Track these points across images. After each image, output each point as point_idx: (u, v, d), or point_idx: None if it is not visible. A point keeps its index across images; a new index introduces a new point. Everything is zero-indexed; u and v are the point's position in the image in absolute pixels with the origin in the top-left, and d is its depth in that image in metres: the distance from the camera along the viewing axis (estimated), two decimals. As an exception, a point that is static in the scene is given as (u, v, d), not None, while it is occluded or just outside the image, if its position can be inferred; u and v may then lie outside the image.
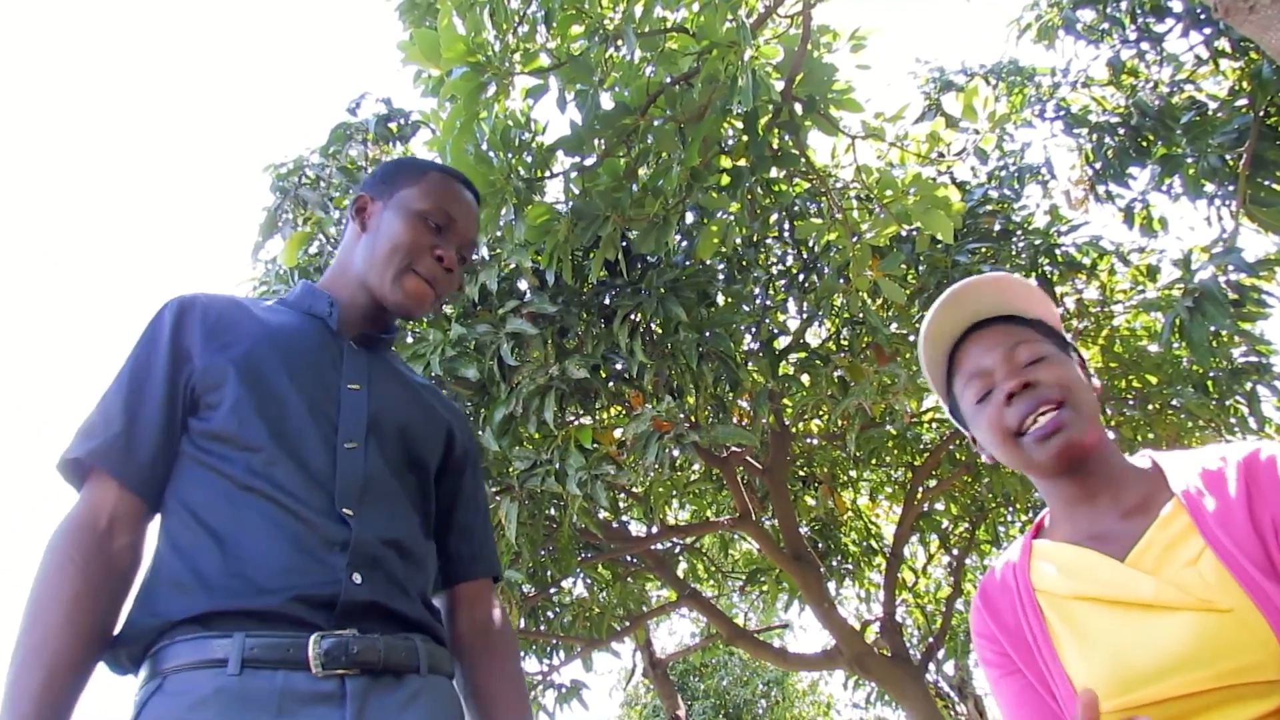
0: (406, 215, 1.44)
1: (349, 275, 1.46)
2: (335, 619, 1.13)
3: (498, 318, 4.33)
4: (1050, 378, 1.20)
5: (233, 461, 1.20)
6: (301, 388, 1.28)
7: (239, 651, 1.07)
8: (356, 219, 1.49)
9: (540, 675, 6.64)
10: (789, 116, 3.89)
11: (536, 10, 3.45)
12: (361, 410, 1.31)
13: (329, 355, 1.35)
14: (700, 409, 4.92)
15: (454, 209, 1.48)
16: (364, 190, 1.51)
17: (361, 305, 1.43)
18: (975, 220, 5.20)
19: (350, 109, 5.17)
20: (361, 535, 1.20)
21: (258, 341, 1.30)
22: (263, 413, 1.23)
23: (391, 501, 1.28)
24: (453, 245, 1.47)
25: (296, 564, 1.14)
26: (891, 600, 6.66)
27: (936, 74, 6.50)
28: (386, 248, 1.42)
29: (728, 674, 14.85)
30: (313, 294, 1.45)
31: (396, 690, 1.14)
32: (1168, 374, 5.53)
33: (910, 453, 6.88)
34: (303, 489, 1.19)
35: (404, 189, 1.47)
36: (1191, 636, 1.00)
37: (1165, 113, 5.23)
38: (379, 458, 1.29)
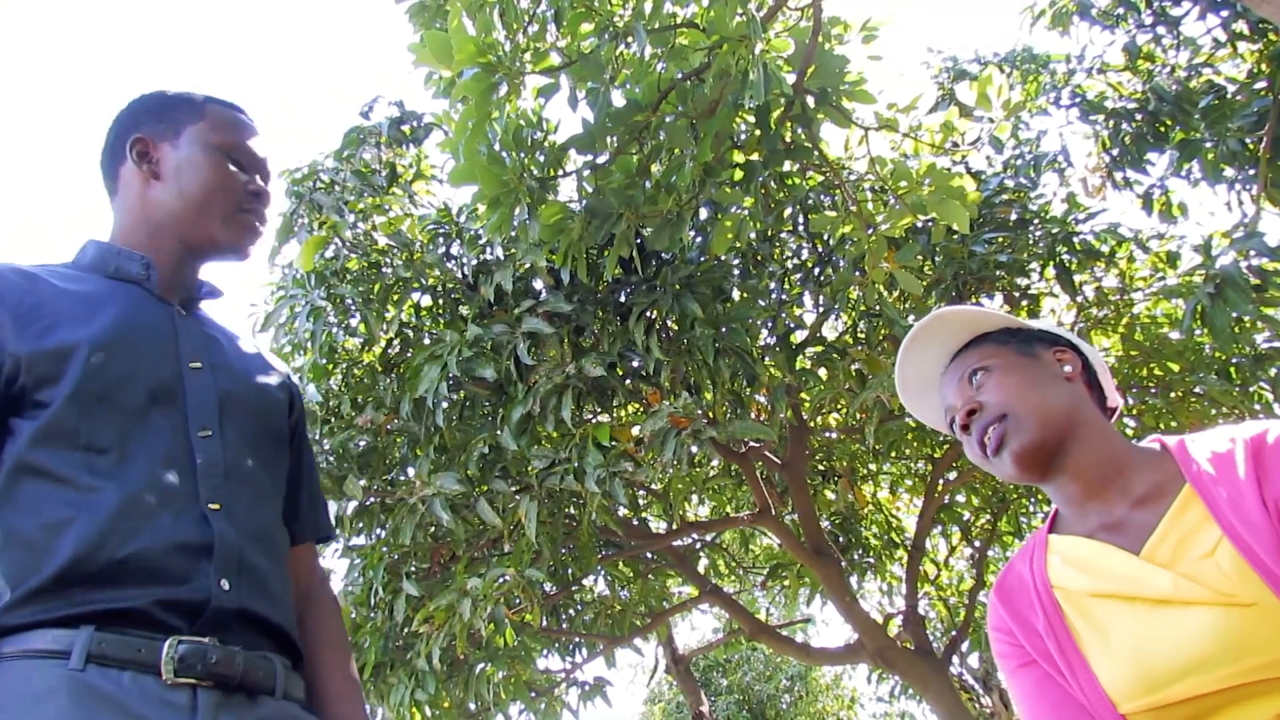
0: (209, 153, 1.32)
1: (151, 229, 1.31)
2: (199, 625, 1.04)
3: (514, 318, 4.34)
4: (990, 396, 1.23)
5: (74, 462, 1.07)
6: (144, 373, 1.16)
7: (84, 645, 0.96)
8: (141, 164, 1.32)
9: (563, 673, 6.65)
10: (801, 109, 3.88)
11: (546, 9, 3.45)
12: (210, 391, 1.21)
13: (161, 329, 1.23)
14: (718, 405, 4.91)
15: (251, 140, 1.38)
16: (136, 132, 1.34)
17: (174, 261, 1.31)
18: (992, 210, 5.16)
19: (363, 112, 5.19)
20: (228, 534, 1.11)
21: (85, 322, 1.15)
22: (105, 405, 1.10)
23: (255, 490, 1.20)
24: (258, 175, 1.38)
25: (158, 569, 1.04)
26: (914, 593, 6.62)
27: (950, 63, 6.46)
28: (200, 191, 1.30)
29: (750, 669, 14.84)
30: (116, 254, 1.29)
31: (249, 710, 1.04)
32: (1189, 361, 5.47)
33: (930, 445, 6.84)
34: (160, 484, 1.09)
35: (189, 125, 1.34)
36: (1214, 632, 0.99)
37: (1183, 97, 5.17)
38: (237, 442, 1.20)
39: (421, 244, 4.80)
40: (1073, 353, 1.29)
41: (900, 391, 1.40)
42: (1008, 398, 1.21)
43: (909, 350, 1.36)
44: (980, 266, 4.94)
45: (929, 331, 1.33)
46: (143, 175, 1.33)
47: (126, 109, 1.39)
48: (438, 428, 4.49)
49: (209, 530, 1.09)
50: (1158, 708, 1.01)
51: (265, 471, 1.24)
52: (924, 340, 1.34)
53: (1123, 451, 1.20)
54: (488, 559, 5.08)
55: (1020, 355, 1.26)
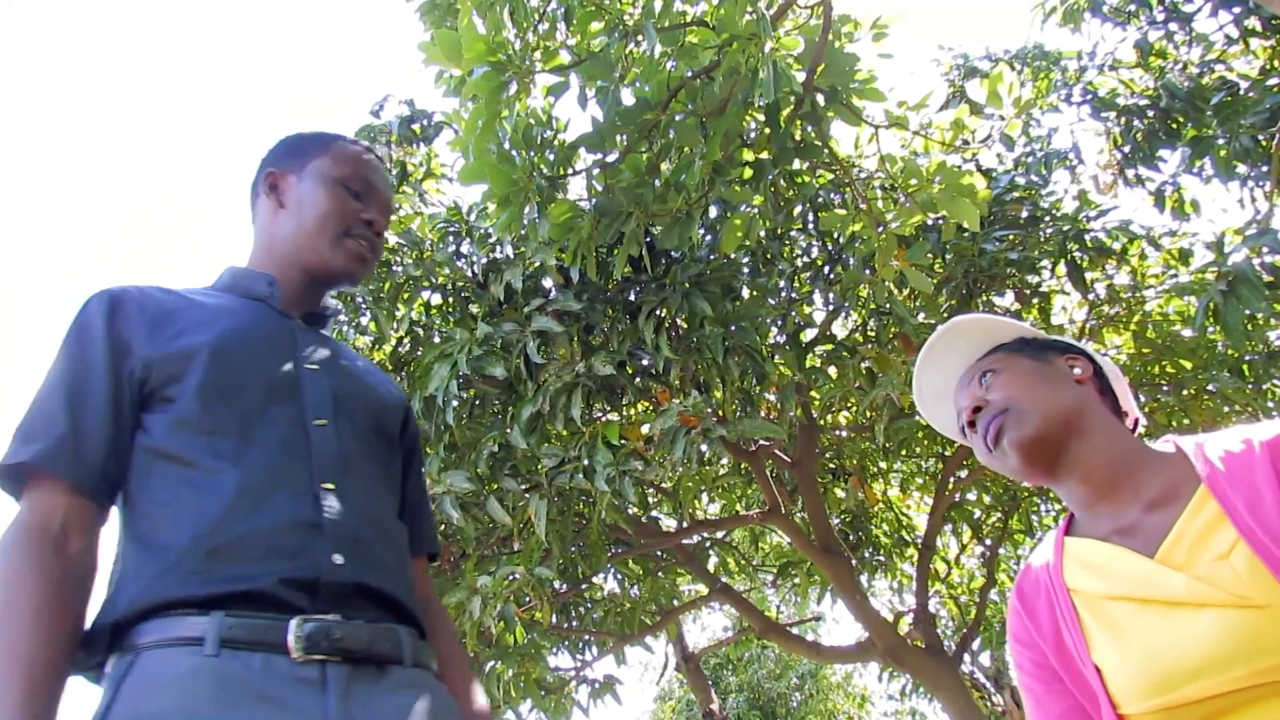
0: (327, 184, 1.43)
1: (276, 253, 1.43)
2: (318, 602, 1.09)
3: (523, 316, 4.34)
4: (996, 394, 1.25)
5: (199, 448, 1.15)
6: (262, 370, 1.25)
7: (217, 630, 1.01)
8: (271, 195, 1.46)
9: (573, 671, 6.66)
10: (811, 108, 3.87)
11: (556, 8, 3.45)
12: (325, 389, 1.29)
13: (282, 337, 1.32)
14: (727, 403, 4.91)
15: (370, 174, 1.48)
16: (271, 166, 1.48)
17: (297, 283, 1.41)
18: (1002, 207, 5.14)
19: (373, 111, 5.20)
20: (341, 513, 1.16)
21: (208, 328, 1.25)
22: (227, 398, 1.19)
23: (369, 478, 1.26)
24: (375, 210, 1.47)
25: (275, 544, 1.10)
26: (924, 591, 6.61)
27: (960, 61, 6.44)
28: (315, 218, 1.41)
29: (761, 667, 14.84)
30: (247, 276, 1.41)
31: (380, 680, 1.09)
32: (1202, 359, 5.45)
33: (941, 443, 6.82)
34: (277, 468, 1.16)
35: (315, 159, 1.46)
36: (1227, 634, 0.98)
37: (1195, 94, 5.15)
38: (350, 435, 1.27)
39: (431, 242, 4.82)
40: (1085, 360, 1.30)
41: (918, 402, 1.42)
42: (1012, 393, 1.23)
43: (926, 361, 1.38)
44: (991, 264, 4.93)
45: (945, 342, 1.35)
46: (272, 205, 1.46)
47: (269, 148, 1.53)
48: (448, 426, 4.50)
49: (321, 509, 1.15)
50: (1170, 708, 1.01)
51: (378, 466, 1.31)
52: (941, 351, 1.36)
53: (1134, 453, 1.19)
54: (497, 557, 5.10)
55: (1031, 360, 1.28)
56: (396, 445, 1.40)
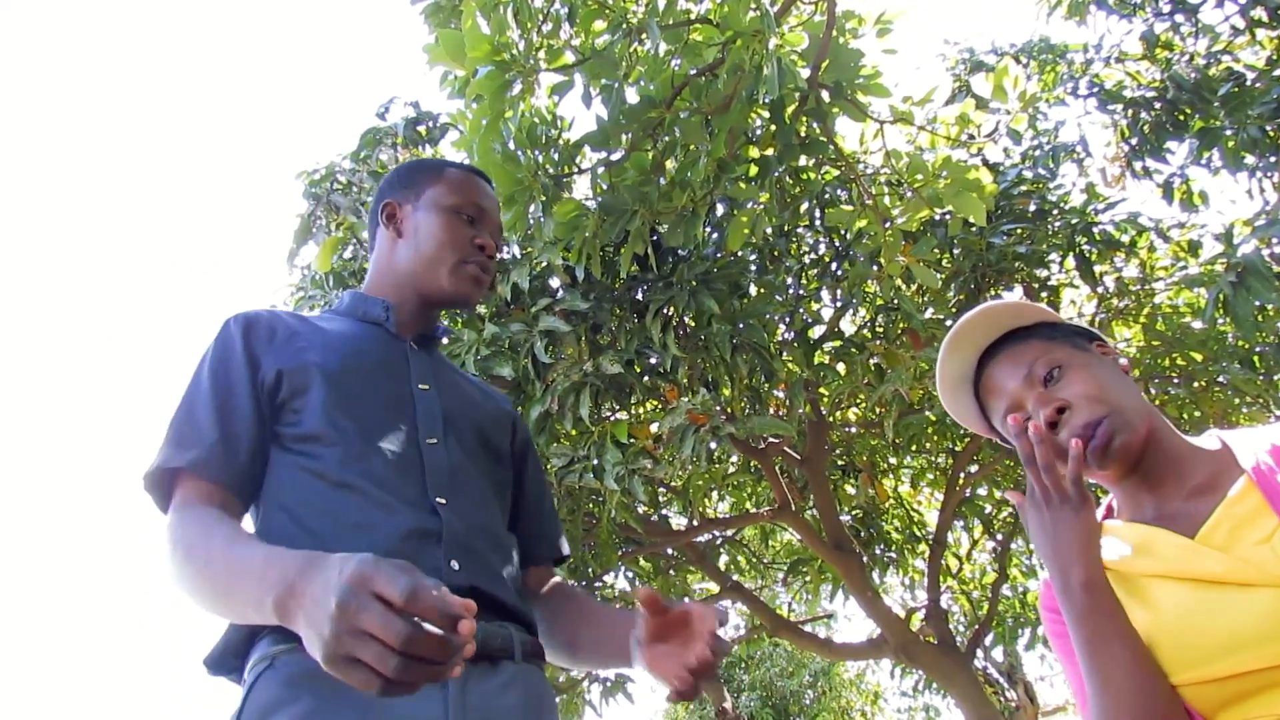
0: (442, 213, 1.50)
1: (393, 280, 1.50)
2: None
3: (531, 316, 4.35)
4: (1079, 391, 1.20)
5: (324, 459, 1.23)
6: (378, 388, 1.33)
7: None
8: (389, 226, 1.54)
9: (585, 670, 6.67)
10: (816, 104, 3.87)
11: (560, 7, 3.45)
12: (435, 408, 1.37)
13: (395, 358, 1.41)
14: (736, 401, 4.91)
15: (481, 200, 1.55)
16: (388, 197, 1.56)
17: (412, 307, 1.49)
18: (1010, 201, 5.12)
19: (379, 113, 5.21)
20: (454, 523, 1.24)
21: (330, 347, 1.35)
22: (348, 412, 1.27)
23: (476, 492, 1.33)
24: (487, 233, 1.54)
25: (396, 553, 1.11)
26: (936, 587, 6.60)
27: (966, 55, 6.42)
28: (432, 246, 1.48)
29: (773, 665, 14.83)
30: (365, 301, 1.50)
31: (493, 676, 1.17)
32: (1212, 350, 5.42)
33: (951, 438, 6.81)
34: (395, 480, 1.23)
35: (428, 189, 1.53)
36: (1265, 613, 1.00)
37: (1202, 85, 5.12)
38: (460, 451, 1.34)
39: (439, 244, 4.82)
40: (1109, 347, 1.29)
41: (941, 391, 1.38)
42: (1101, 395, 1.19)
43: (953, 347, 1.33)
44: (999, 258, 4.92)
45: (974, 326, 1.31)
46: (390, 235, 1.53)
47: (384, 179, 1.61)
48: (456, 427, 4.51)
49: (438, 520, 1.23)
50: (1204, 682, 1.03)
51: (486, 481, 1.38)
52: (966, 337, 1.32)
53: (1183, 447, 1.21)
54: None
55: (1077, 350, 1.25)
56: (505, 459, 1.47)
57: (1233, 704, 1.02)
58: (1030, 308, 1.31)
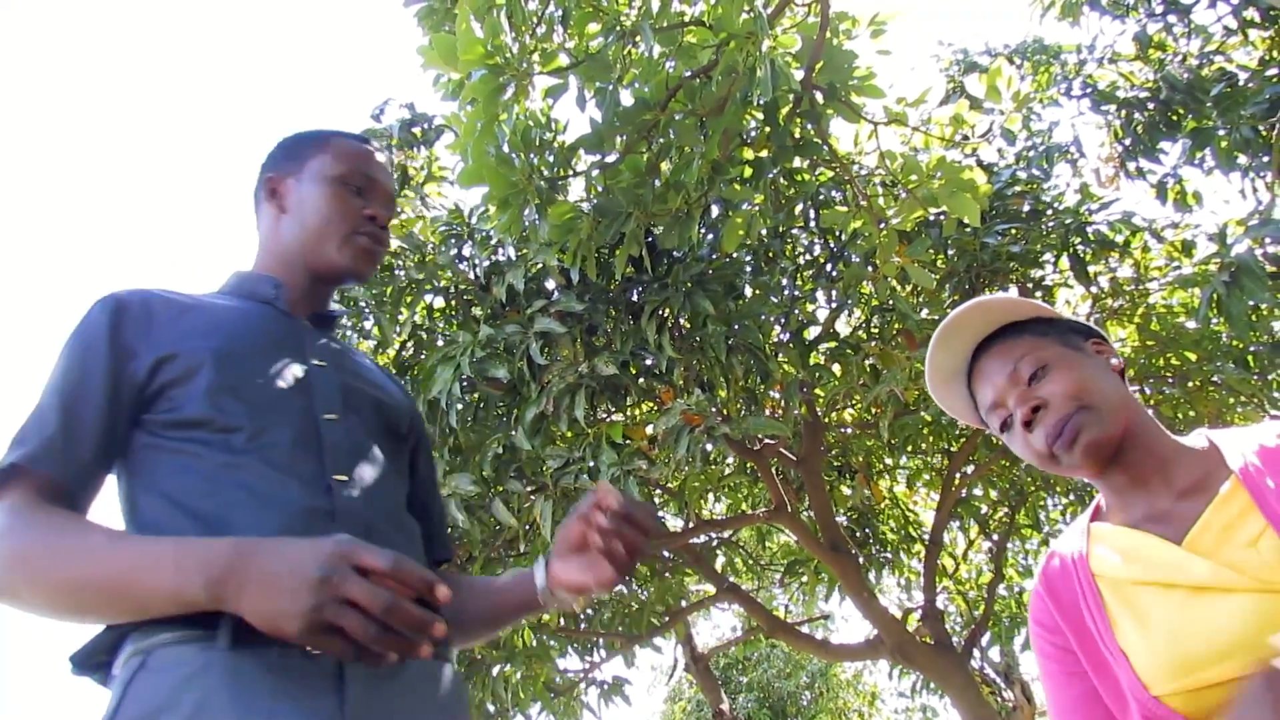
0: (327, 184, 1.43)
1: (281, 257, 1.43)
2: None
3: (526, 318, 4.35)
4: (1057, 389, 1.20)
5: (210, 444, 1.15)
6: (270, 368, 1.25)
7: (230, 625, 0.99)
8: (271, 201, 1.46)
9: (582, 673, 6.67)
10: (810, 105, 3.87)
11: (554, 10, 3.46)
12: (334, 384, 1.30)
13: (289, 337, 1.33)
14: (731, 402, 4.91)
15: (370, 169, 1.47)
16: (270, 172, 1.48)
17: (302, 285, 1.42)
18: (1004, 202, 5.14)
19: (374, 115, 5.21)
20: (353, 501, 1.17)
21: (215, 330, 1.26)
22: (238, 394, 1.19)
23: (379, 471, 1.26)
24: (378, 202, 1.47)
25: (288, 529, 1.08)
26: (932, 588, 6.60)
27: (960, 56, 6.44)
28: (318, 220, 1.41)
29: (771, 667, 14.83)
30: (252, 279, 1.42)
31: (398, 674, 1.09)
32: (1206, 350, 5.43)
33: (946, 438, 6.81)
34: (288, 460, 1.16)
35: (312, 160, 1.46)
36: (1253, 618, 1.00)
37: (1195, 85, 5.14)
38: (361, 429, 1.28)
39: (433, 246, 4.83)
40: (1107, 344, 1.28)
41: (930, 383, 1.37)
42: (1076, 392, 1.19)
43: (943, 341, 1.33)
44: (993, 259, 4.93)
45: (963, 322, 1.31)
46: (274, 211, 1.46)
47: (267, 153, 1.52)
48: (452, 429, 4.51)
49: (333, 499, 1.16)
50: (1192, 690, 1.03)
51: (388, 461, 1.31)
52: (959, 330, 1.32)
53: (1170, 446, 1.21)
54: (504, 559, 5.10)
55: (1067, 348, 1.25)
56: (405, 445, 1.40)
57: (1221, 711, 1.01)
58: (1024, 303, 1.30)
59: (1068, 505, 7.29)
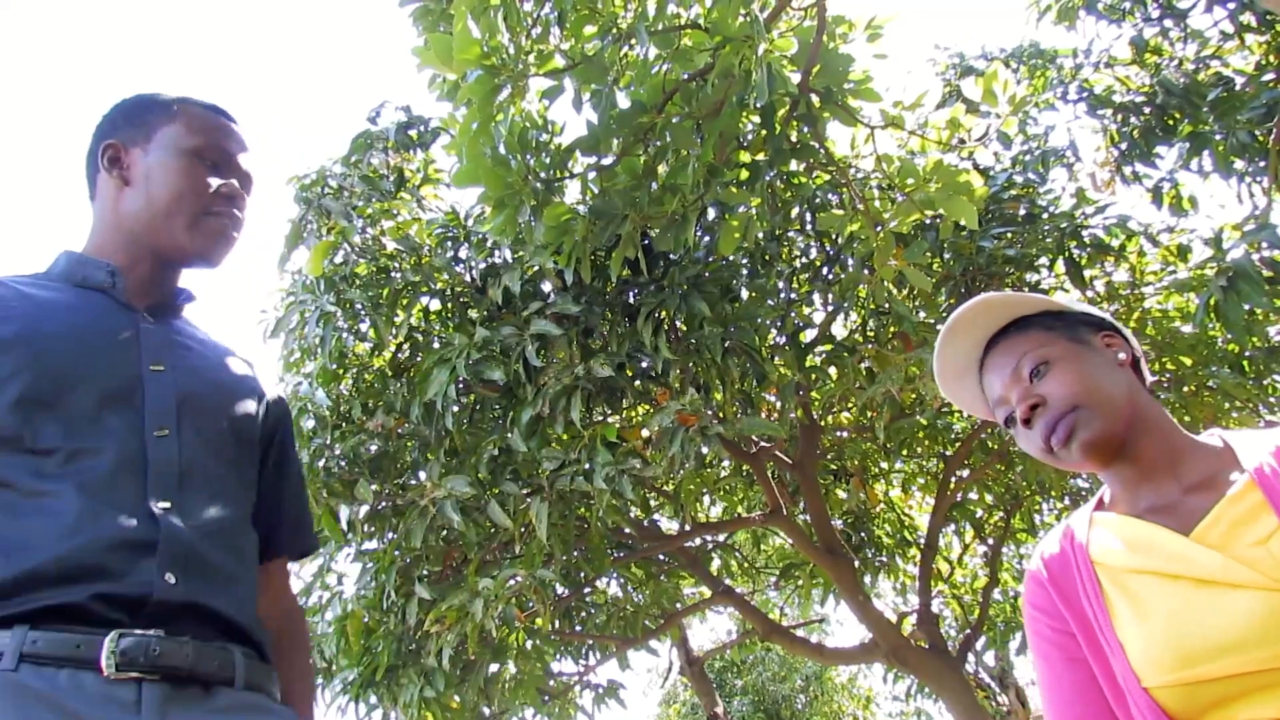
0: (179, 156, 1.29)
1: (122, 237, 1.29)
2: (143, 619, 1.02)
3: (522, 320, 4.34)
4: (1056, 388, 1.20)
5: (17, 465, 1.06)
6: (96, 376, 1.14)
7: (17, 644, 0.94)
8: (112, 171, 1.31)
9: (576, 676, 6.65)
10: (806, 108, 3.87)
11: (550, 12, 3.45)
12: (169, 393, 1.19)
13: (123, 334, 1.21)
14: (728, 404, 4.91)
15: (225, 141, 1.34)
16: (110, 138, 1.33)
17: (145, 268, 1.29)
18: (1000, 205, 5.14)
19: (370, 118, 5.21)
20: (178, 530, 1.09)
21: (36, 327, 1.14)
22: (53, 409, 1.09)
23: (215, 489, 1.18)
24: (235, 178, 1.34)
25: (98, 564, 1.02)
26: (927, 591, 6.60)
27: (956, 60, 6.45)
28: (167, 196, 1.27)
29: (765, 670, 14.81)
30: (84, 264, 1.28)
31: (205, 702, 1.02)
32: (1202, 355, 5.43)
33: (942, 442, 6.82)
34: (106, 485, 1.07)
35: (162, 128, 1.31)
36: (1258, 615, 0.99)
37: (1191, 90, 5.15)
38: (196, 442, 1.18)
39: (430, 248, 4.82)
40: (1119, 338, 1.28)
41: (939, 379, 1.37)
42: (1074, 390, 1.19)
43: (949, 338, 1.33)
44: (989, 262, 4.93)
45: (969, 318, 1.30)
46: (114, 182, 1.31)
47: (104, 115, 1.37)
48: (448, 431, 4.50)
49: (155, 527, 1.07)
50: (1189, 684, 1.02)
51: (229, 472, 1.23)
52: (962, 328, 1.32)
53: (1179, 441, 1.20)
54: (499, 561, 5.09)
55: (1073, 343, 1.24)
56: (253, 444, 1.31)
57: (1218, 707, 1.01)
58: (1030, 298, 1.30)
59: (1063, 509, 7.30)
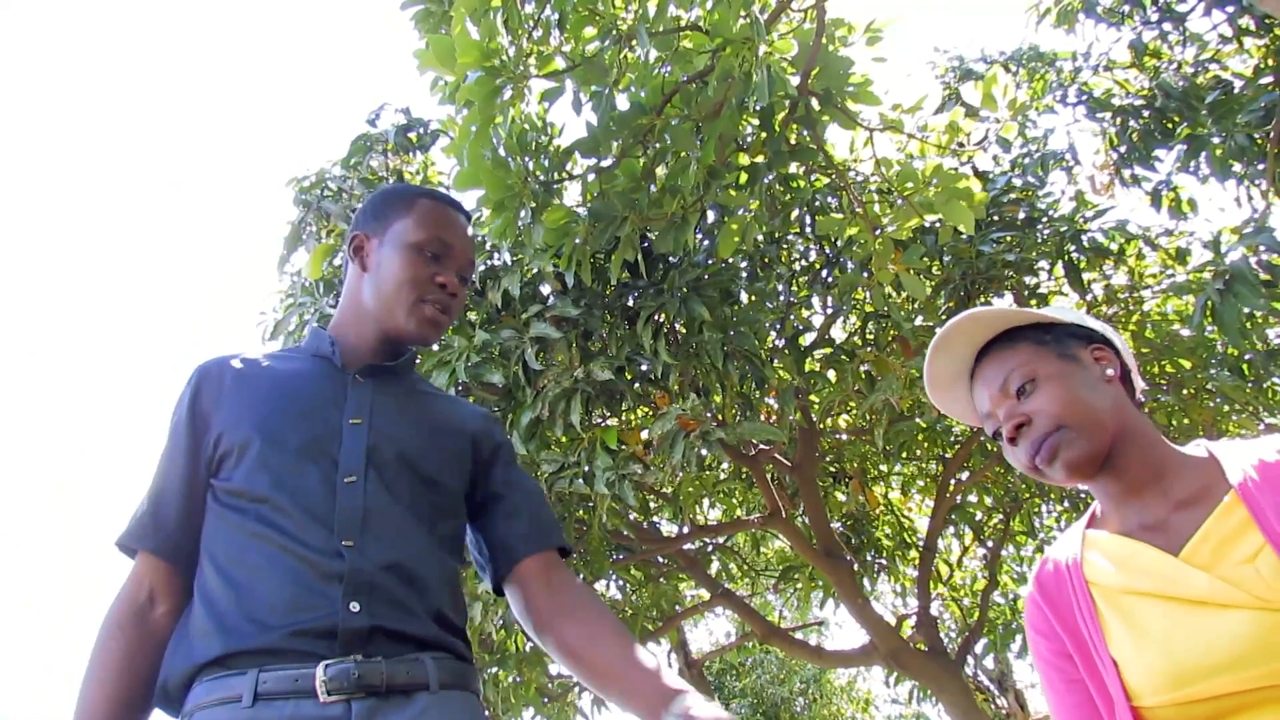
0: (404, 249, 1.48)
1: (355, 314, 1.51)
2: (339, 647, 1.20)
3: (521, 323, 4.34)
4: (1040, 407, 1.21)
5: (245, 513, 1.29)
6: (302, 431, 1.35)
7: (253, 686, 1.16)
8: (356, 259, 1.54)
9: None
10: (806, 111, 3.87)
11: (550, 14, 3.46)
12: (359, 444, 1.36)
13: (332, 393, 1.42)
14: (727, 408, 4.91)
15: (448, 234, 1.52)
16: (358, 229, 1.55)
17: (370, 339, 1.49)
18: (999, 209, 5.14)
19: (370, 120, 5.21)
20: (357, 565, 1.25)
21: (268, 395, 1.39)
22: (266, 464, 1.30)
23: (395, 528, 1.33)
24: (453, 270, 1.52)
25: (298, 600, 1.22)
26: (926, 594, 6.60)
27: (955, 63, 6.45)
28: (392, 285, 1.47)
29: (765, 672, 14.79)
30: (318, 337, 1.52)
31: (405, 708, 1.20)
32: (1201, 358, 5.44)
33: (941, 445, 6.82)
34: (301, 529, 1.26)
35: (396, 222, 1.51)
36: (1247, 634, 1.00)
37: (1190, 93, 5.16)
38: (379, 487, 1.34)
39: (429, 250, 4.81)
40: (1110, 351, 1.27)
41: (929, 388, 1.38)
42: (1059, 410, 1.19)
43: (938, 350, 1.34)
44: (988, 266, 4.93)
45: (960, 330, 1.31)
46: (356, 268, 1.54)
47: (360, 208, 1.61)
48: (447, 433, 4.49)
49: (341, 563, 1.25)
50: (1182, 704, 1.02)
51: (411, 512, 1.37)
52: (954, 339, 1.33)
53: (1167, 455, 1.20)
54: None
55: (1062, 360, 1.24)
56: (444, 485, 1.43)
57: None
58: (1019, 314, 1.30)
59: (1063, 512, 7.30)
